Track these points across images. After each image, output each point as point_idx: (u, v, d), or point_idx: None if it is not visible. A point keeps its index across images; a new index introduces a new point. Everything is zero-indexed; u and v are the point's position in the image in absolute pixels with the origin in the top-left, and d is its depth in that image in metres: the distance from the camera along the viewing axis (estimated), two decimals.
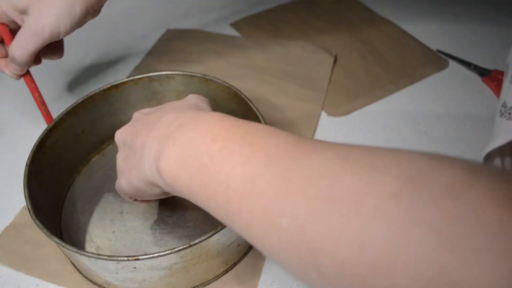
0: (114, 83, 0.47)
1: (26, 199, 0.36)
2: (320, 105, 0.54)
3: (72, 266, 0.39)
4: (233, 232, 0.35)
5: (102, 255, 0.32)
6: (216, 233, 0.32)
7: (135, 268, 0.32)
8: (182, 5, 0.76)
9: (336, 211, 0.18)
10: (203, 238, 0.32)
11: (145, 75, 0.48)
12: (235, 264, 0.39)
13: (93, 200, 0.44)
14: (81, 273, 0.38)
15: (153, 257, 0.31)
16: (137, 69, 0.62)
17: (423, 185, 0.16)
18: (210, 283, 0.37)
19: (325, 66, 0.59)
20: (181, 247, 0.31)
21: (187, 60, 0.62)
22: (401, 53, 0.61)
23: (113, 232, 0.41)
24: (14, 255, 0.40)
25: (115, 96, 0.48)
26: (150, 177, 0.29)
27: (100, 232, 0.41)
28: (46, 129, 0.42)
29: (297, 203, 0.19)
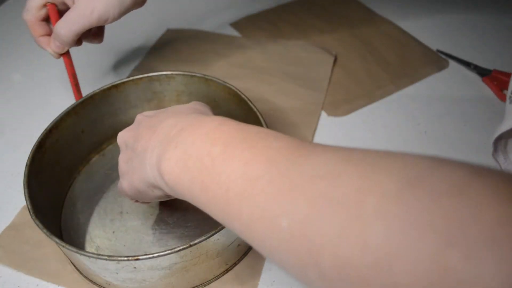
0: (114, 83, 0.47)
1: (26, 199, 0.36)
2: (320, 105, 0.54)
3: (72, 266, 0.39)
4: (233, 232, 0.34)
5: (102, 255, 0.32)
6: (216, 233, 0.32)
7: (135, 268, 0.32)
8: (182, 5, 0.76)
9: (336, 211, 0.18)
10: (203, 238, 0.32)
11: (145, 75, 0.48)
12: (235, 264, 0.39)
13: (93, 200, 0.44)
14: (81, 273, 0.39)
15: (153, 257, 0.31)
16: (137, 69, 0.62)
17: (424, 185, 0.16)
18: (210, 283, 0.37)
19: (325, 66, 0.59)
20: (181, 247, 0.31)
21: (187, 60, 0.62)
22: (401, 53, 0.61)
23: (113, 232, 0.41)
24: (14, 255, 0.40)
25: (115, 96, 0.48)
26: (152, 179, 0.29)
27: (100, 232, 0.41)
28: (46, 129, 0.42)
29: (297, 203, 0.19)
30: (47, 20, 0.46)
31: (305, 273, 0.19)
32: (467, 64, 0.58)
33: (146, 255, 0.31)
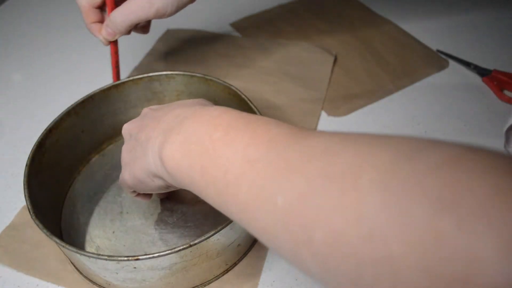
0: (114, 83, 0.47)
1: (26, 199, 0.36)
2: (320, 105, 0.54)
3: (72, 266, 0.39)
4: (233, 232, 0.35)
5: (102, 255, 0.32)
6: (216, 233, 0.32)
7: (135, 268, 0.32)
8: None
9: (332, 186, 0.18)
10: (203, 238, 0.32)
11: (145, 75, 0.48)
12: (235, 264, 0.39)
13: (93, 200, 0.44)
14: (81, 273, 0.39)
15: (153, 257, 0.31)
16: (137, 69, 0.62)
17: (420, 158, 0.16)
18: (210, 283, 0.37)
19: (325, 66, 0.59)
20: (181, 247, 0.31)
21: (187, 60, 0.62)
22: (401, 53, 0.61)
23: (113, 232, 0.41)
24: (14, 255, 0.40)
25: (115, 96, 0.48)
26: (153, 168, 0.29)
27: (100, 232, 0.41)
28: (46, 129, 0.42)
29: (293, 181, 0.19)
30: (100, 7, 0.46)
31: (297, 252, 0.19)
32: (467, 64, 0.58)
33: (146, 255, 0.31)
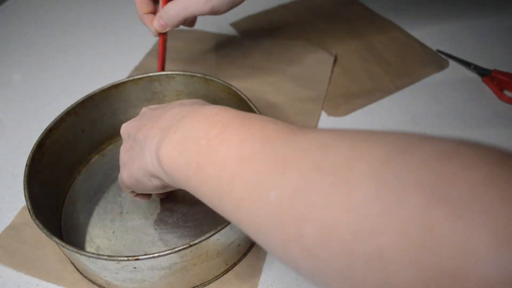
0: (114, 83, 0.47)
1: (26, 199, 0.36)
2: (320, 105, 0.54)
3: (72, 266, 0.39)
4: (233, 232, 0.35)
5: (102, 255, 0.32)
6: (216, 233, 0.32)
7: (135, 268, 0.32)
8: None
9: (325, 179, 0.18)
10: (203, 238, 0.32)
11: (145, 75, 0.48)
12: (235, 264, 0.39)
13: (93, 200, 0.44)
14: (81, 273, 0.39)
15: (153, 257, 0.31)
16: (137, 69, 0.62)
17: (414, 151, 0.16)
18: (210, 283, 0.37)
19: (325, 66, 0.59)
20: (181, 247, 0.31)
21: (187, 60, 0.62)
22: (401, 53, 0.61)
23: (113, 232, 0.41)
24: (14, 255, 0.40)
25: (115, 96, 0.48)
26: (151, 167, 0.29)
27: (100, 232, 0.41)
28: (46, 129, 0.42)
29: (288, 175, 0.19)
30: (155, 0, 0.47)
31: (288, 248, 0.19)
32: (467, 64, 0.58)
33: (146, 255, 0.31)
